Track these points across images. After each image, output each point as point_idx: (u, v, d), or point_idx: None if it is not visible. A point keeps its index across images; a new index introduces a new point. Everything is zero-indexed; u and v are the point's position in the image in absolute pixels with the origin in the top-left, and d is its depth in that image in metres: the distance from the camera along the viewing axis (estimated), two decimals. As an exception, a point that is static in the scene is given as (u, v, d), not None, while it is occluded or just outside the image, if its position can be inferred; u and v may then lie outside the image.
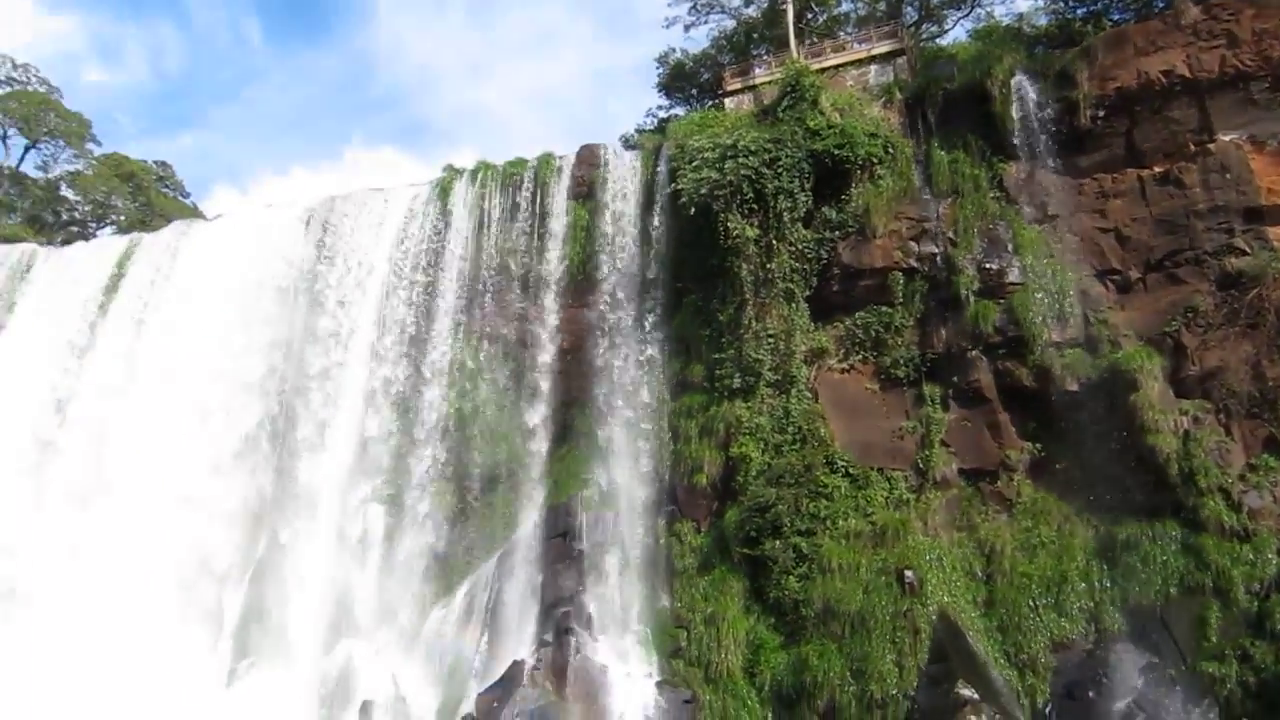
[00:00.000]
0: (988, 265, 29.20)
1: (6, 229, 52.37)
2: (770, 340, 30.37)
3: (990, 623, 25.45)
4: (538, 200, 35.05)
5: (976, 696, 23.00)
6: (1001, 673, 24.36)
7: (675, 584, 29.09)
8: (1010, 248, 29.32)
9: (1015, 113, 30.76)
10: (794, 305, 30.69)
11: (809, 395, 30.03)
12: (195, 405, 34.80)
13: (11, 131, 60.49)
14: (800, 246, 30.91)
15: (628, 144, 37.39)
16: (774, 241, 30.69)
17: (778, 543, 27.39)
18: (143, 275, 38.88)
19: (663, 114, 50.19)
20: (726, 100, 37.96)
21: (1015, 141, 30.65)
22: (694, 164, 31.55)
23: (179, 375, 35.33)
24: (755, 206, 30.69)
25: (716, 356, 30.85)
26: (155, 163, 64.85)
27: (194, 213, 59.62)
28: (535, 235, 34.61)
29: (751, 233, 30.54)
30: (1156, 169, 29.12)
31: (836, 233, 31.00)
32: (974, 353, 28.73)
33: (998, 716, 22.75)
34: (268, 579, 32.15)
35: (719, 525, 29.18)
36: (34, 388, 37.49)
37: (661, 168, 33.67)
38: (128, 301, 38.29)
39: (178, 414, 34.70)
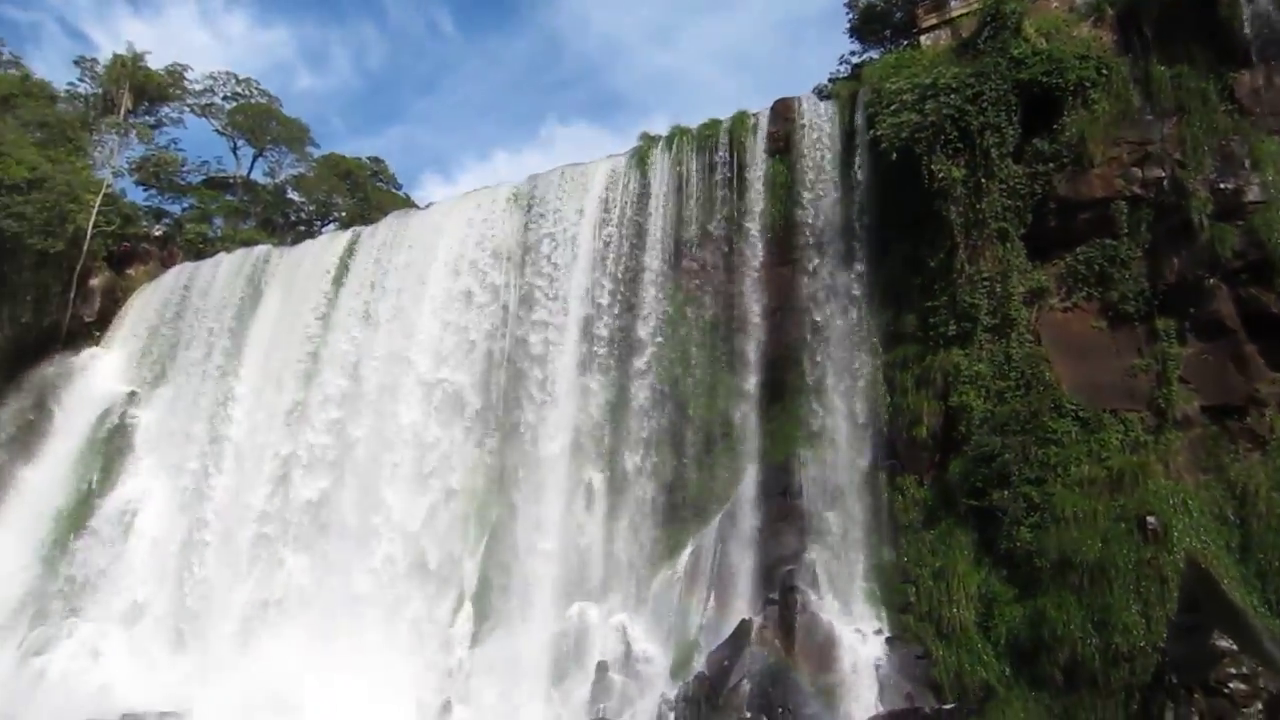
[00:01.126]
0: (1222, 185, 26.95)
1: (244, 233, 56.43)
2: (985, 283, 29.16)
3: (1247, 569, 23.69)
4: (734, 160, 34.82)
5: (1235, 648, 21.53)
6: (1263, 622, 22.70)
7: (900, 539, 28.52)
8: (1247, 164, 26.94)
9: (1246, 14, 28.15)
10: (1009, 245, 29.31)
11: (1030, 338, 28.68)
12: (421, 383, 36.76)
13: (240, 142, 65.11)
14: (1011, 183, 29.47)
15: (822, 94, 36.48)
16: (982, 180, 29.38)
17: (1006, 493, 26.41)
18: (366, 265, 41.29)
19: (856, 60, 48.79)
20: (922, 38, 36.43)
21: (1248, 47, 28.10)
22: (892, 108, 30.58)
23: (405, 355, 37.43)
24: (960, 146, 29.46)
25: (929, 304, 29.88)
26: (368, 159, 68.39)
27: (407, 203, 62.56)
28: (734, 195, 34.43)
29: (958, 173, 29.36)
30: None
31: (1050, 165, 29.34)
32: (1212, 281, 26.60)
33: (1260, 668, 21.24)
34: (501, 546, 33.61)
35: (942, 477, 28.37)
36: (281, 376, 40.55)
37: (859, 115, 32.79)
38: (355, 291, 40.78)
39: (406, 393, 36.76)
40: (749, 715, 25.27)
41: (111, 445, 42.99)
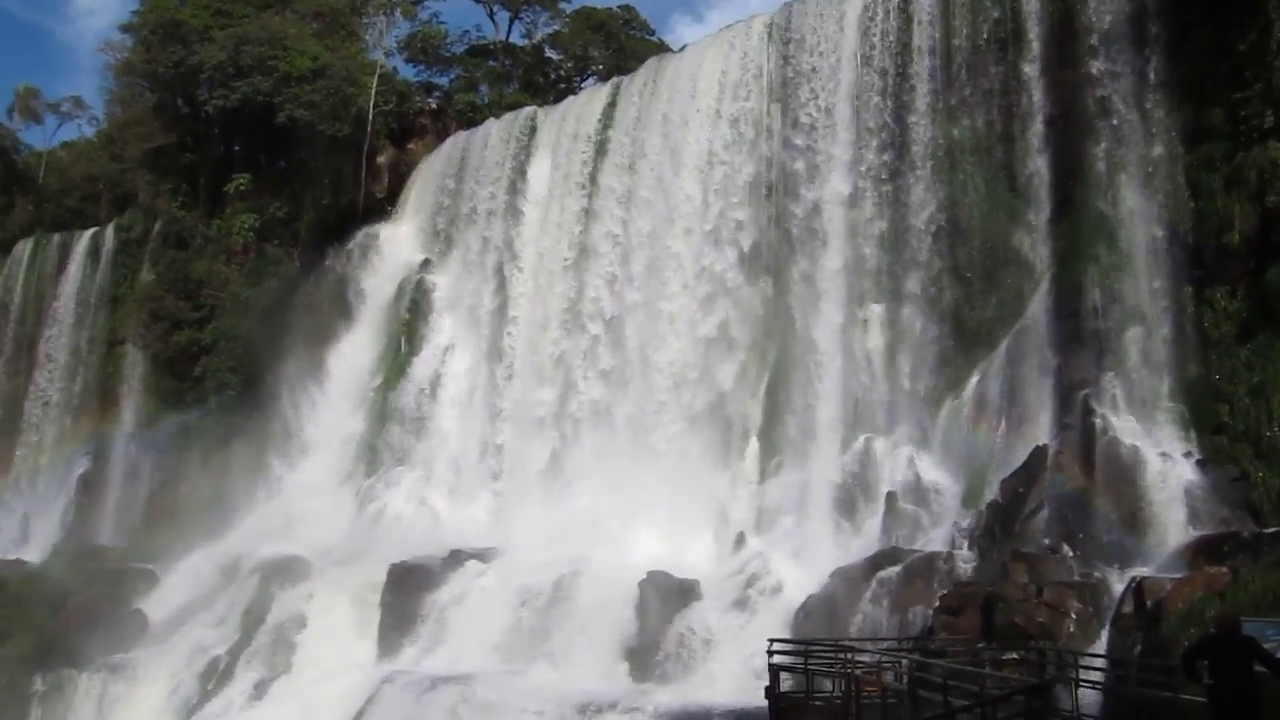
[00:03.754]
0: None
1: (509, 97, 57.89)
2: (1310, 64, 25.67)
3: None
4: (1007, -43, 31.93)
5: None
6: None
7: (1210, 355, 26.41)
8: None
9: None
10: (1338, 16, 25.58)
11: (1366, 123, 25.17)
12: (689, 229, 37.15)
13: (496, 7, 66.14)
14: (1340, -59, 25.52)
15: None
16: (1303, -58, 25.62)
17: (1337, 298, 23.79)
18: (628, 115, 41.62)
19: None
20: None
21: None
22: None
23: (673, 201, 37.85)
24: (1275, -96, 25.71)
25: (1239, 95, 26.60)
26: (619, 8, 67.74)
27: (661, 48, 61.85)
28: (1008, -4, 31.72)
29: (1272, -63, 25.70)
30: None
31: (1389, -88, 25.12)
32: None
33: None
34: (783, 383, 34.02)
35: (1259, 286, 25.80)
36: (557, 231, 42.30)
37: (1147, -116, 29.15)
38: (620, 141, 41.35)
39: (677, 238, 37.30)
40: (1047, 543, 24.72)
41: (414, 309, 46.52)
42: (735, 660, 26.68)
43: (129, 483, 49.94)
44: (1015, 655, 19.99)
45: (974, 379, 30.03)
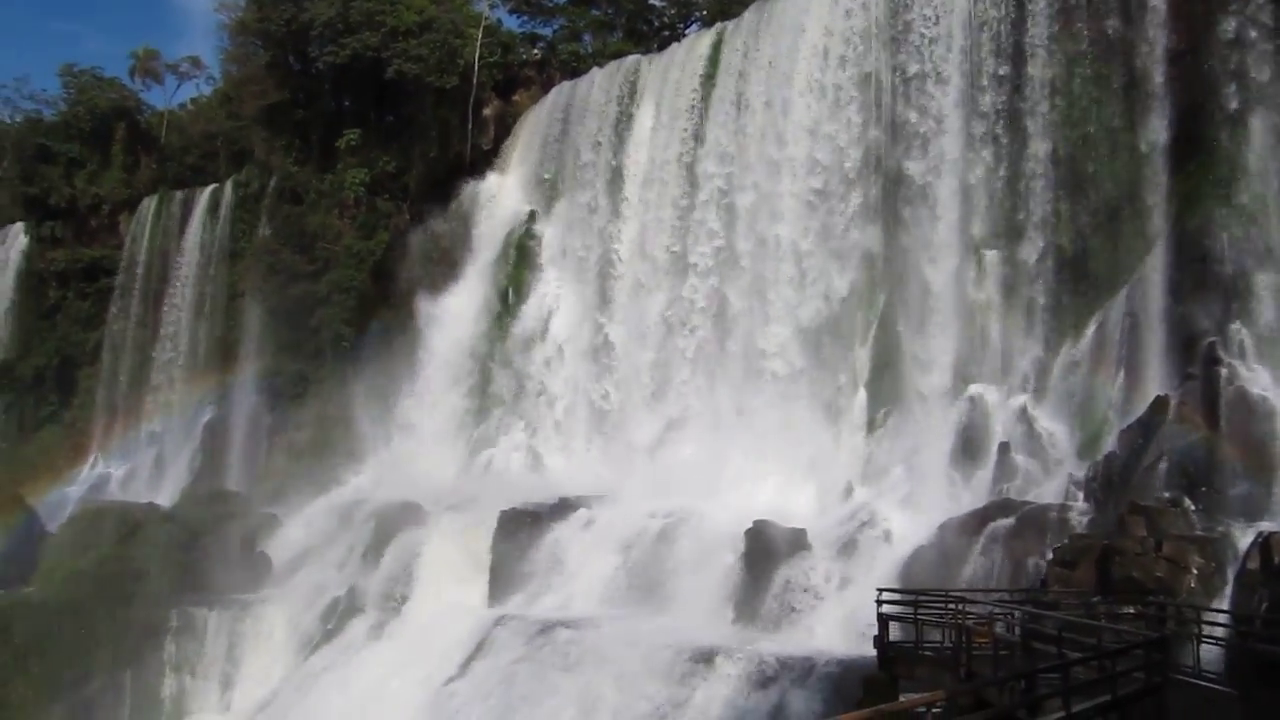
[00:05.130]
0: None
1: (612, 45, 57.51)
2: None
3: None
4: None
5: None
6: None
7: (1348, 300, 25.15)
8: None
9: None
10: None
11: None
12: (796, 176, 36.70)
13: (598, -47, 65.42)
14: None
15: None
16: None
17: None
18: (733, 62, 41.08)
19: None
20: None
21: None
22: None
23: (780, 150, 37.42)
24: None
25: (1386, 22, 25.07)
26: (722, -49, 66.47)
27: (767, -9, 60.65)
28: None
29: None
30: None
31: None
32: None
33: None
34: (891, 332, 33.57)
35: (1402, 226, 24.40)
36: (662, 183, 42.17)
37: None
38: (724, 90, 40.88)
39: (784, 188, 36.90)
40: (1167, 495, 23.95)
41: (521, 260, 47.07)
42: (842, 610, 26.64)
43: (251, 430, 51.87)
44: (1132, 609, 19.51)
45: (1092, 327, 29.15)
